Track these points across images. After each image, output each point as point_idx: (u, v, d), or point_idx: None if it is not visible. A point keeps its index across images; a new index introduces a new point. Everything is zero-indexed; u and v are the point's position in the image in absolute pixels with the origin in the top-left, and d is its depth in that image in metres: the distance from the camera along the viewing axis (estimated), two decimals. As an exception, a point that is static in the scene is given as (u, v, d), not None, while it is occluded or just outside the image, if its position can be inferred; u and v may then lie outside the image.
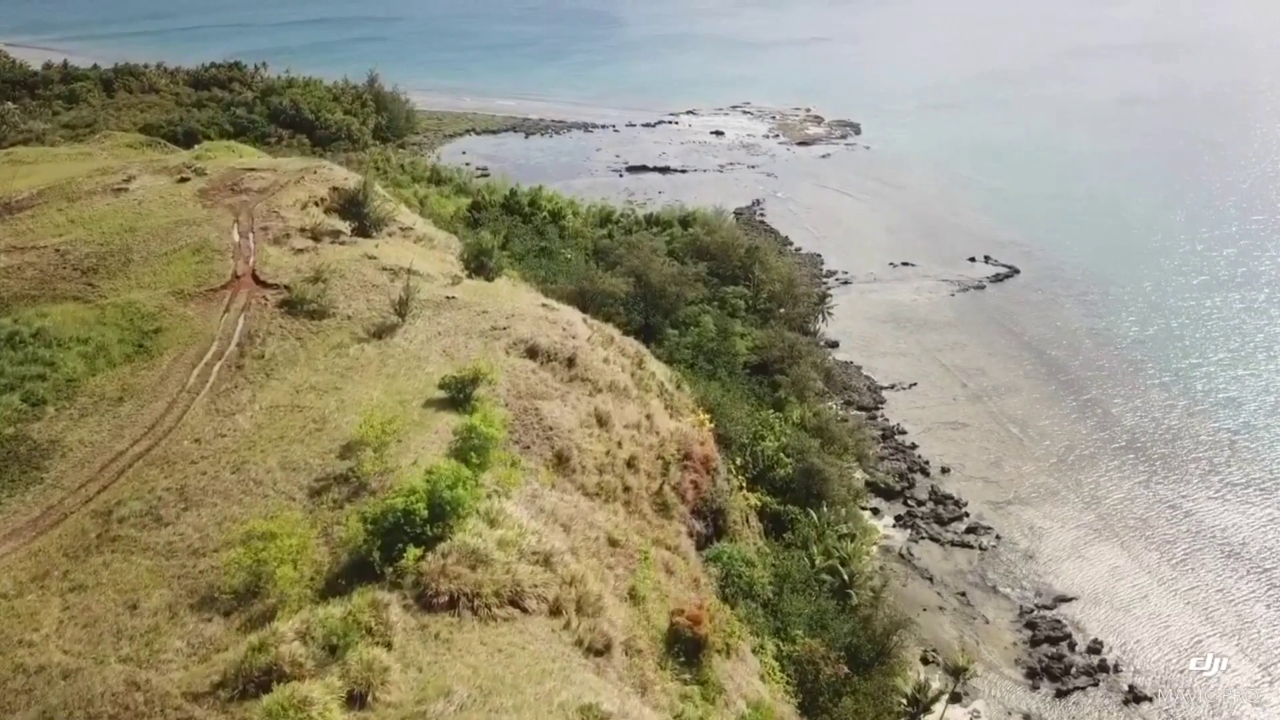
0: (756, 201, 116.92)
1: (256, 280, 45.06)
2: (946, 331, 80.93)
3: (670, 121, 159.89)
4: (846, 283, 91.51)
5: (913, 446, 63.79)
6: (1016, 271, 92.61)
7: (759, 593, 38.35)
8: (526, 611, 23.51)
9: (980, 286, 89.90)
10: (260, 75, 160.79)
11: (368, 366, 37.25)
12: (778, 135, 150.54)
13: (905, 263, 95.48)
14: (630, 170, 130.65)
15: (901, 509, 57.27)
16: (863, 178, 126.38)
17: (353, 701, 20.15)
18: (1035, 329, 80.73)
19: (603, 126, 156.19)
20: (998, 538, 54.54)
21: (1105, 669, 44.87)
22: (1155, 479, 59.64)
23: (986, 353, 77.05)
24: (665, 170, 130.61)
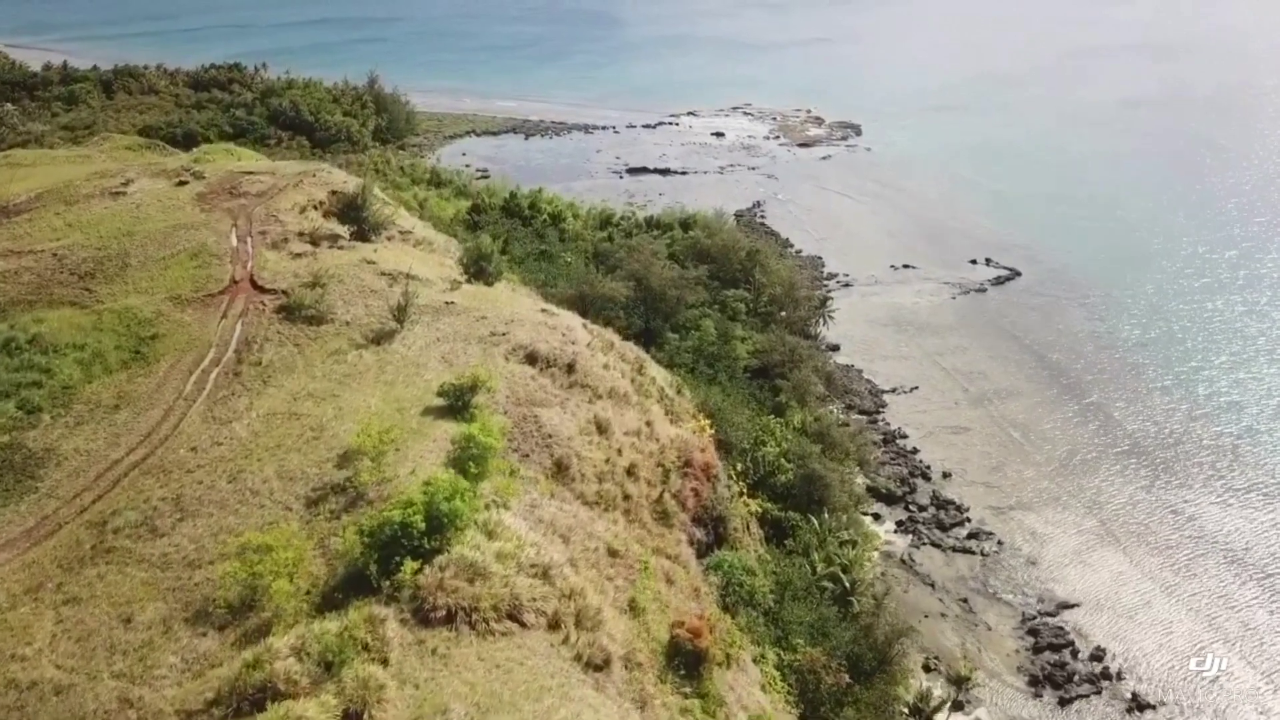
0: (757, 203, 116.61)
1: (254, 285, 44.79)
2: (948, 335, 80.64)
3: (671, 123, 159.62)
4: (847, 285, 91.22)
5: (914, 451, 63.51)
6: (1018, 274, 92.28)
7: (760, 601, 38.08)
8: (525, 626, 23.23)
9: (981, 289, 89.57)
10: (260, 76, 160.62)
11: (366, 373, 36.98)
12: (778, 137, 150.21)
13: (906, 265, 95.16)
14: (630, 172, 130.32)
15: (903, 514, 56.96)
16: (863, 179, 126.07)
17: (348, 720, 19.87)
18: (1037, 332, 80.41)
19: (603, 128, 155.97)
20: (1000, 543, 54.27)
21: (1108, 677, 44.58)
22: (1158, 484, 59.34)
23: (988, 356, 76.76)
24: (665, 172, 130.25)
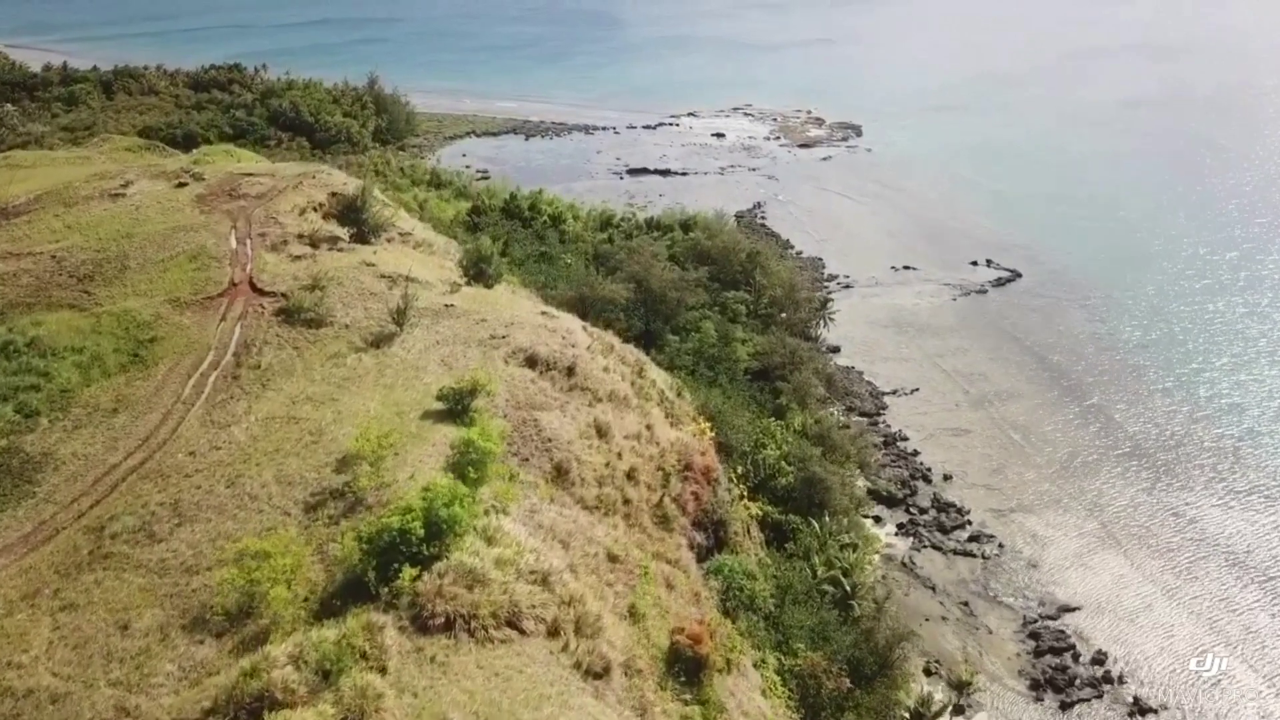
0: (757, 204, 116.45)
1: (253, 288, 44.69)
2: (948, 336, 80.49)
3: (671, 123, 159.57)
4: (848, 287, 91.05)
5: (915, 453, 63.34)
6: (1019, 275, 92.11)
7: (760, 606, 37.87)
8: (524, 633, 23.11)
9: (982, 291, 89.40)
10: (260, 77, 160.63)
11: (365, 377, 36.86)
12: (779, 137, 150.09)
13: (907, 266, 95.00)
14: (631, 173, 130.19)
15: (904, 517, 56.78)
16: (864, 180, 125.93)
17: (346, 729, 19.74)
18: (1037, 334, 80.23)
19: (603, 128, 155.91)
20: (1000, 546, 54.09)
21: (1110, 681, 44.40)
22: (1159, 486, 59.17)
23: (988, 358, 76.60)
24: (666, 173, 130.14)
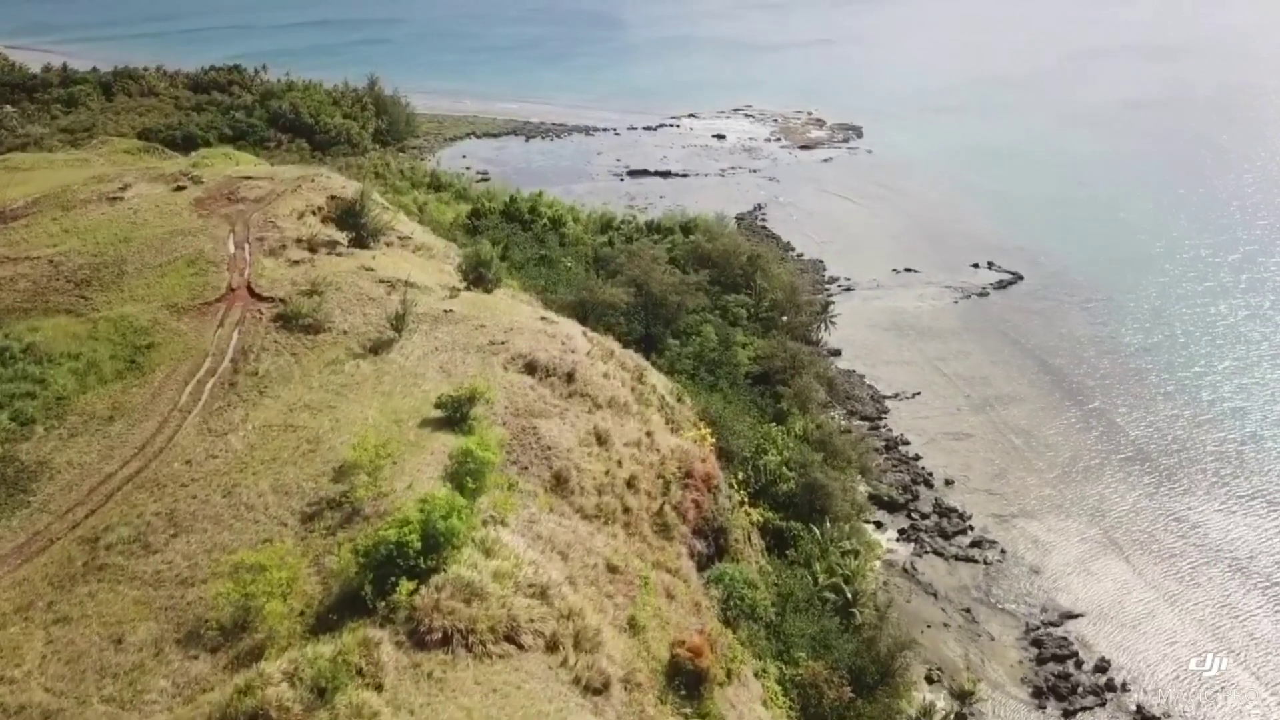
0: (758, 206, 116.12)
1: (251, 293, 44.43)
2: (950, 340, 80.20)
3: (671, 125, 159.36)
4: (849, 290, 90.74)
5: (916, 458, 63.03)
6: (1020, 278, 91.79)
7: (761, 614, 37.52)
8: (522, 648, 22.84)
9: (984, 293, 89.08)
10: (260, 78, 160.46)
11: (363, 384, 36.58)
12: (779, 139, 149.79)
13: (908, 269, 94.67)
14: (631, 174, 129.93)
15: (905, 522, 56.46)
16: (865, 182, 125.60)
17: (342, 747, 19.49)
18: (1039, 337, 79.91)
19: (604, 130, 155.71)
20: (1003, 552, 53.77)
21: (1113, 688, 44.08)
22: (1161, 491, 58.87)
23: (990, 361, 76.30)
24: (666, 174, 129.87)
